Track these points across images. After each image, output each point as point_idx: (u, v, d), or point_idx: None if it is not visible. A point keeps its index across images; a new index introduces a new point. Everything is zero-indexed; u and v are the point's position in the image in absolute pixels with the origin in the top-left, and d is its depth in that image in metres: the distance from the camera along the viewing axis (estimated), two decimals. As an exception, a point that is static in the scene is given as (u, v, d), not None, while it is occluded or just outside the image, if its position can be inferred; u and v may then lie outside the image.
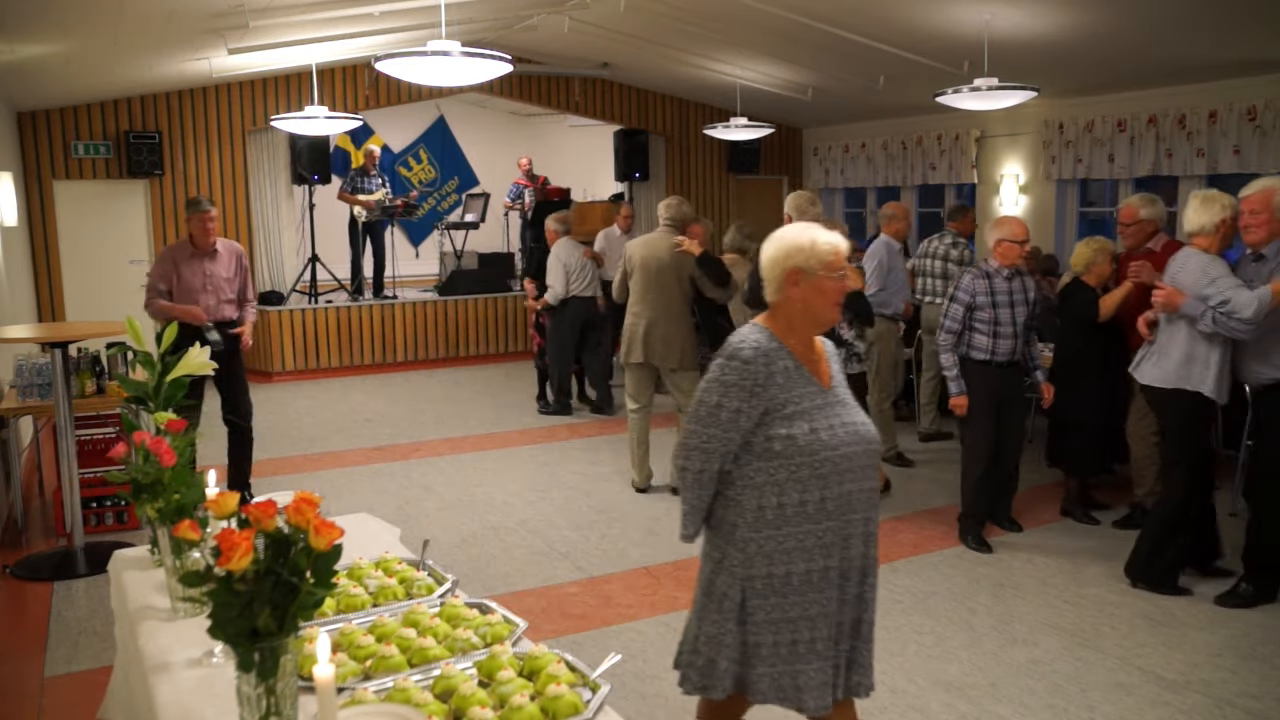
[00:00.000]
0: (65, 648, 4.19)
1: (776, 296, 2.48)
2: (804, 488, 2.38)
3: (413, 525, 5.61)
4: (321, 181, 10.85)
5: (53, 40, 6.67)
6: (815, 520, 2.39)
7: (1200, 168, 8.69)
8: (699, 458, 2.42)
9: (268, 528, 1.63)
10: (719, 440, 2.40)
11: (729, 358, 2.42)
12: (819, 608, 2.41)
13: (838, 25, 7.70)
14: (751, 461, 2.42)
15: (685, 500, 2.49)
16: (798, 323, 2.48)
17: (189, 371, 2.83)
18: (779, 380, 2.40)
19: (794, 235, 2.47)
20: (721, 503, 2.48)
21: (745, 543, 2.41)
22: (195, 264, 5.77)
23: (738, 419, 2.39)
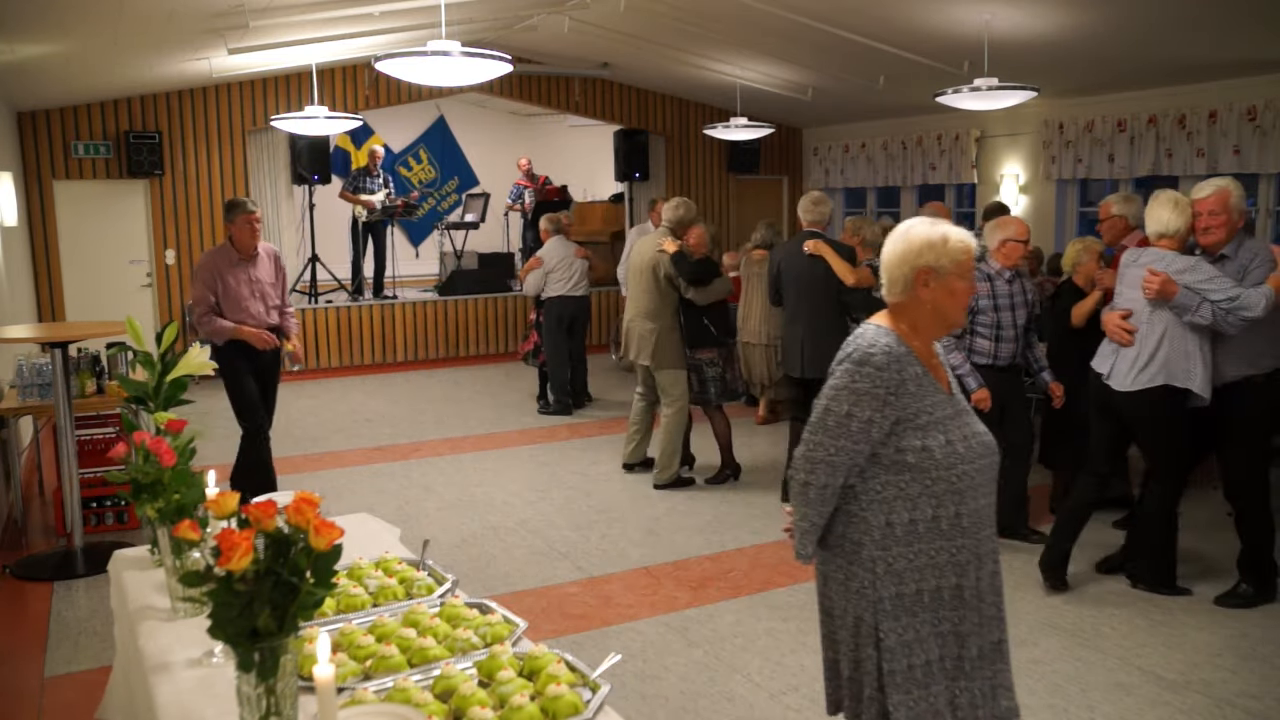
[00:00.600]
0: (65, 648, 4.19)
1: (902, 297, 2.29)
2: (938, 502, 2.22)
3: (413, 525, 5.61)
4: (321, 181, 10.86)
5: (53, 40, 6.68)
6: (949, 537, 2.24)
7: (1200, 168, 8.68)
8: (824, 471, 2.23)
9: (268, 528, 1.63)
10: (848, 453, 2.22)
11: (859, 363, 2.22)
12: (949, 625, 2.25)
13: (838, 25, 7.70)
14: (879, 475, 2.24)
15: (804, 517, 2.30)
16: (923, 326, 2.30)
17: (189, 371, 2.83)
18: (910, 388, 2.23)
19: (924, 231, 2.28)
20: (842, 519, 2.30)
21: (873, 562, 2.24)
22: (240, 270, 5.49)
23: (869, 430, 2.21)
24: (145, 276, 10.44)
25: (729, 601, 4.55)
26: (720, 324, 6.28)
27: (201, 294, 5.43)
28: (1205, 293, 4.17)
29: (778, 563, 5.03)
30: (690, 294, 6.09)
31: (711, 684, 3.76)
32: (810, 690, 3.69)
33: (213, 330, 5.41)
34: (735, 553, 5.19)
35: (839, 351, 2.31)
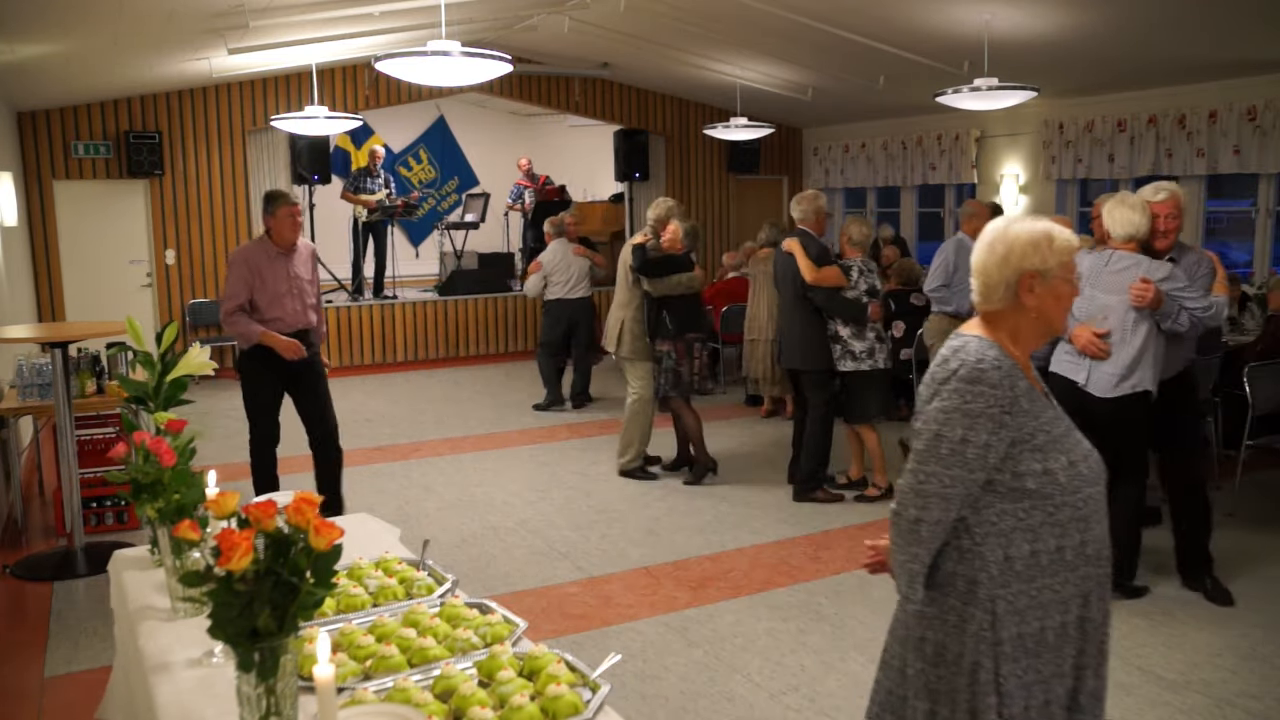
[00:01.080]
0: (65, 648, 4.19)
1: (1002, 304, 2.05)
2: (1062, 532, 2.00)
3: (413, 525, 5.61)
4: (321, 181, 10.86)
5: (53, 40, 6.68)
6: (1073, 568, 2.02)
7: (1200, 168, 8.69)
8: (938, 506, 1.99)
9: (268, 528, 1.63)
10: (963, 482, 1.97)
11: (970, 381, 1.97)
12: (1071, 661, 2.05)
13: (838, 25, 7.71)
14: (994, 504, 2.00)
15: (914, 558, 2.06)
16: (1025, 335, 2.07)
17: (189, 371, 2.83)
18: (1024, 404, 1.99)
19: (1028, 230, 2.04)
20: (952, 555, 2.06)
21: (992, 601, 2.00)
22: (279, 265, 5.10)
23: (985, 455, 1.96)
24: (145, 276, 10.44)
25: (729, 601, 4.55)
26: (679, 317, 6.21)
27: (235, 289, 5.03)
28: (1182, 300, 4.17)
29: (778, 563, 5.04)
30: (645, 285, 6.24)
31: (711, 684, 3.76)
32: (810, 690, 3.69)
33: (240, 332, 5.06)
34: (735, 553, 5.19)
35: (937, 369, 2.06)
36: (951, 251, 6.52)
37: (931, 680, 2.12)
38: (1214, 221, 9.27)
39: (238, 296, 5.02)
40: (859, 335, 5.81)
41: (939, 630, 2.10)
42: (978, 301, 2.10)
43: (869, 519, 5.70)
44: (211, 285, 10.66)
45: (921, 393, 2.08)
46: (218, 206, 10.61)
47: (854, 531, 5.50)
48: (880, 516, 5.74)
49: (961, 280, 6.47)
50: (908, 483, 2.04)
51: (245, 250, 5.16)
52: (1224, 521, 5.51)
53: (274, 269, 5.09)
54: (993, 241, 2.06)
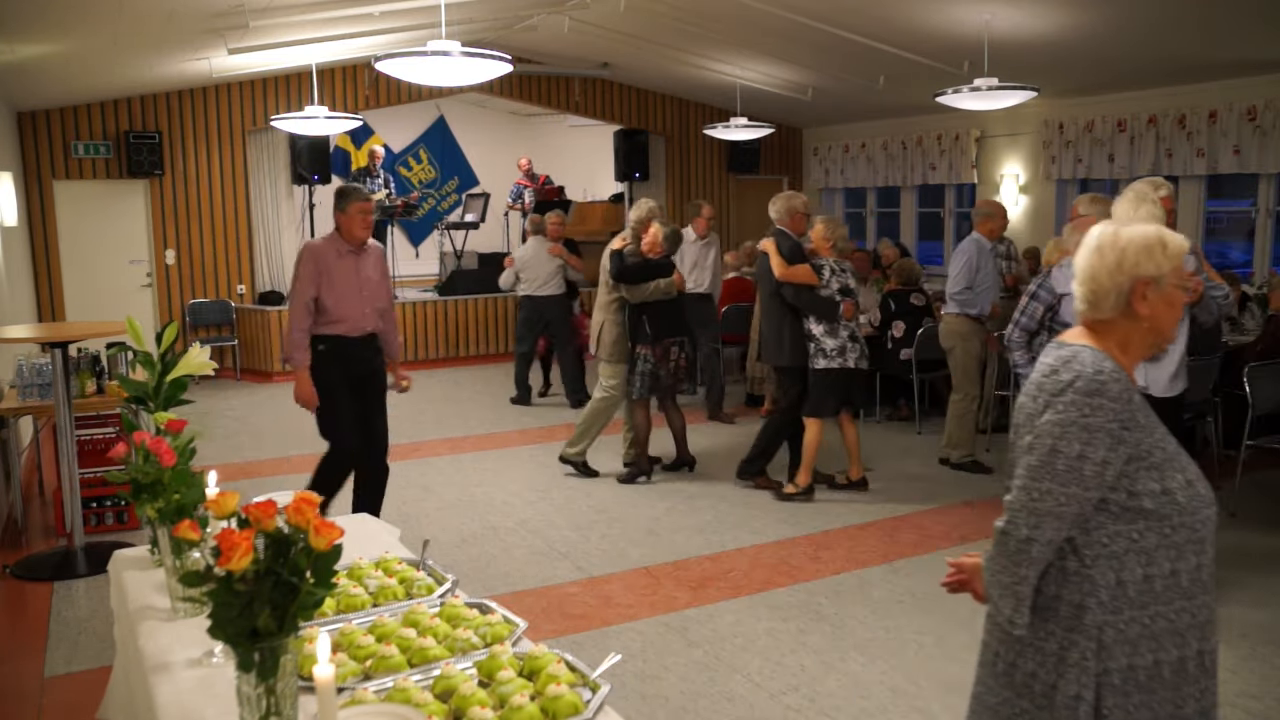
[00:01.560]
0: (65, 648, 4.19)
1: (1113, 312, 1.95)
2: (1178, 555, 1.89)
3: (413, 525, 5.61)
4: (321, 181, 10.86)
5: (53, 40, 6.68)
6: (1189, 595, 1.90)
7: (1200, 168, 8.70)
8: (1052, 525, 1.87)
9: (268, 528, 1.62)
10: (1078, 501, 1.87)
11: (1090, 394, 1.87)
12: (1194, 704, 1.91)
13: (838, 25, 7.71)
14: (1106, 524, 1.89)
15: (1021, 580, 1.92)
16: (1135, 344, 1.97)
17: (189, 371, 2.83)
18: (1140, 419, 1.90)
19: (1141, 235, 1.94)
20: (1054, 578, 1.93)
21: (1099, 628, 1.88)
22: (347, 263, 4.82)
23: (1103, 472, 1.86)
24: (145, 276, 10.44)
25: (729, 601, 4.55)
26: (658, 322, 6.24)
27: (303, 285, 4.73)
28: (1210, 290, 4.18)
29: (778, 563, 5.03)
30: (622, 291, 6.24)
31: (711, 684, 3.76)
32: (810, 690, 3.69)
33: (293, 349, 4.77)
34: (735, 553, 5.19)
35: (1046, 380, 1.95)
36: (974, 253, 6.48)
37: (1016, 713, 1.99)
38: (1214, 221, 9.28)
39: (305, 293, 4.74)
40: (832, 333, 5.84)
41: (1033, 659, 1.96)
42: (1084, 310, 1.99)
43: (868, 519, 5.70)
44: (211, 285, 10.66)
45: (1025, 405, 1.99)
46: (218, 206, 10.61)
47: (854, 531, 5.50)
48: (871, 518, 5.74)
49: (983, 282, 6.45)
50: (1019, 500, 1.92)
51: (314, 246, 4.88)
52: (1225, 522, 5.49)
53: (342, 267, 4.81)
54: (1102, 247, 1.96)
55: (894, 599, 4.57)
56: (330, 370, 4.81)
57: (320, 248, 4.83)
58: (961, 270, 6.45)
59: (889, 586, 4.71)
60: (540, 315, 8.68)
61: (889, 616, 4.37)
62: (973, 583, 2.12)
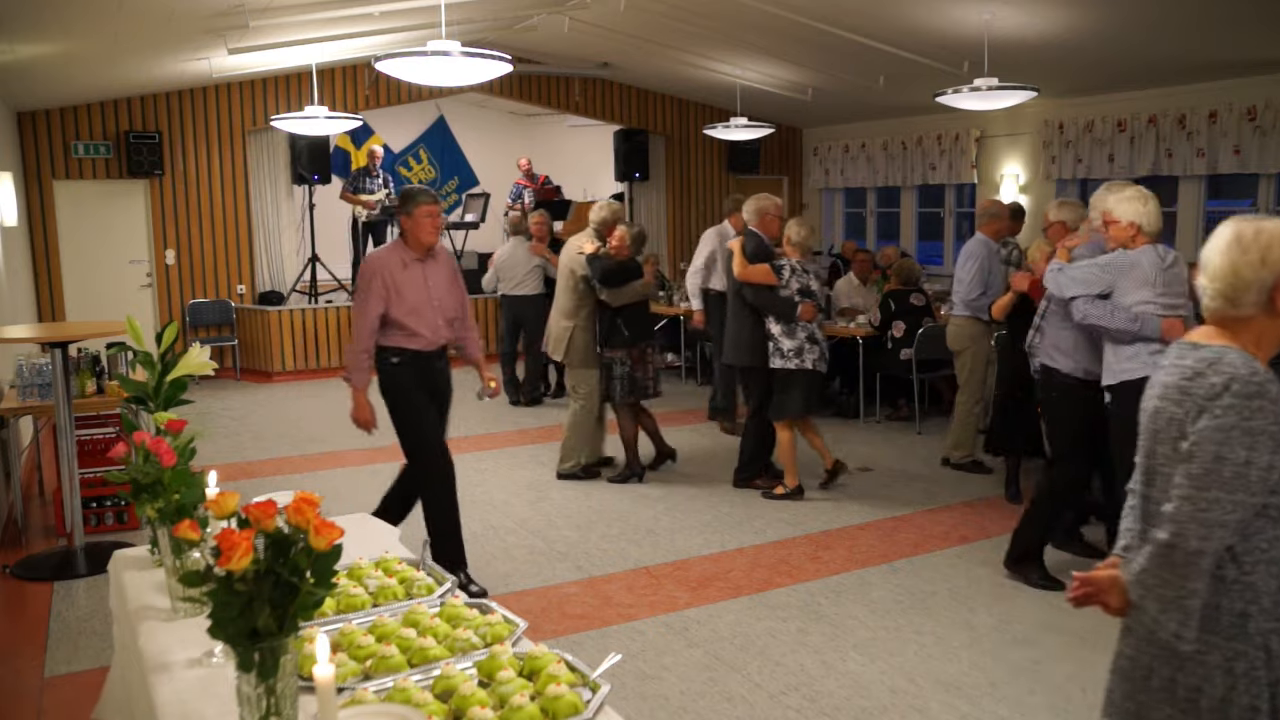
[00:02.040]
0: (65, 648, 4.19)
1: (1252, 308, 1.89)
2: None
3: (413, 525, 5.60)
4: (321, 181, 10.86)
5: (53, 40, 6.67)
6: None
7: (1200, 168, 8.70)
8: (1220, 535, 1.82)
9: (268, 528, 1.62)
10: (1244, 508, 1.81)
11: (1249, 396, 1.81)
12: None
13: (838, 25, 7.71)
14: (1265, 529, 1.85)
15: (1191, 594, 1.86)
16: (1268, 341, 1.93)
17: (189, 371, 2.83)
18: None
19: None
20: (1215, 587, 1.87)
21: (1265, 636, 1.84)
22: (415, 272, 4.47)
23: (1268, 476, 1.82)
24: (145, 276, 10.44)
25: (729, 601, 4.55)
26: (635, 325, 6.25)
27: (368, 305, 4.39)
28: None
29: (777, 563, 5.03)
30: (603, 295, 6.17)
31: (711, 684, 3.76)
32: (810, 690, 3.69)
33: (354, 368, 4.48)
34: (735, 553, 5.19)
35: (1192, 384, 1.90)
36: (984, 255, 6.45)
37: None
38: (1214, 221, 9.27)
39: (370, 310, 4.37)
40: (789, 334, 5.85)
41: (1195, 672, 1.88)
42: (1218, 306, 1.93)
43: (868, 519, 5.70)
44: (211, 285, 10.66)
45: (1165, 410, 1.94)
46: (218, 206, 10.61)
47: (854, 531, 5.50)
48: (871, 518, 5.74)
49: (994, 283, 6.43)
50: (1185, 511, 1.84)
51: (378, 258, 4.50)
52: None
53: (410, 277, 4.44)
54: (1243, 242, 1.90)
55: (894, 599, 4.57)
56: (407, 380, 4.54)
57: (384, 259, 4.46)
58: (975, 275, 6.40)
59: (889, 586, 4.71)
60: (515, 313, 8.78)
61: (889, 616, 4.37)
62: (1104, 596, 2.04)
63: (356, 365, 4.47)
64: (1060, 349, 4.57)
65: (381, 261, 4.47)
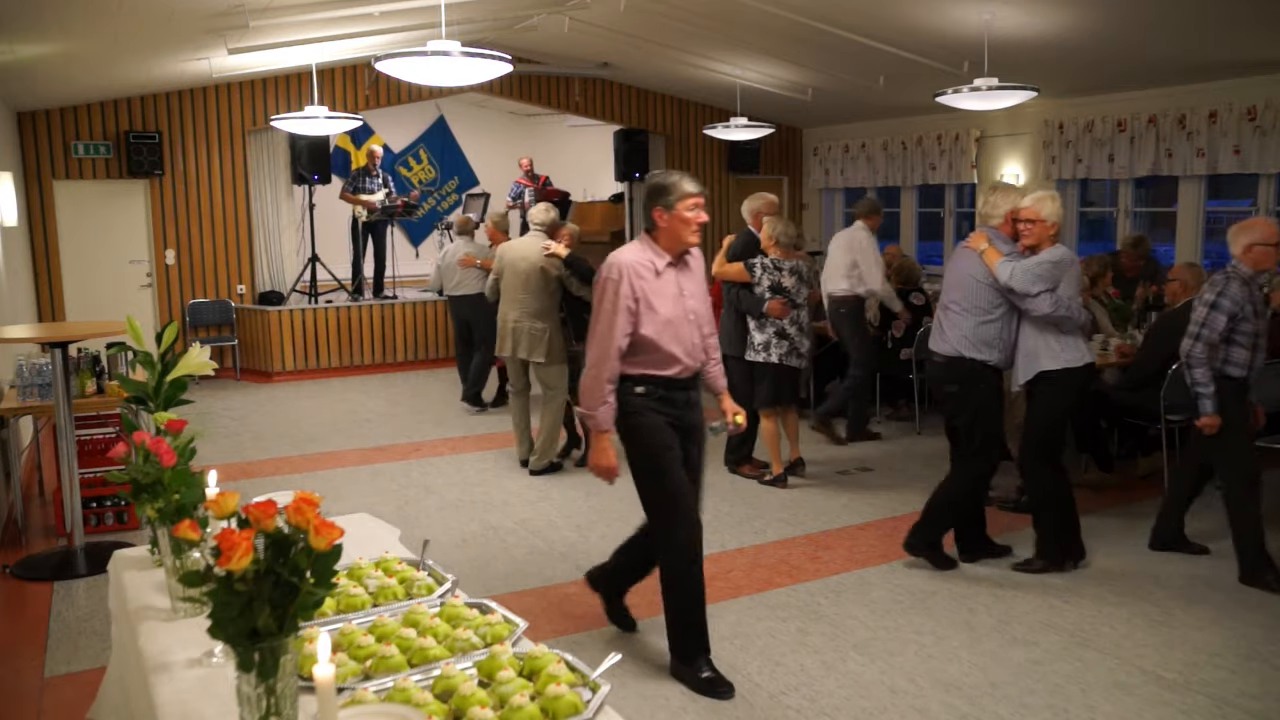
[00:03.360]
0: (65, 648, 4.19)
1: None
2: None
3: (413, 525, 5.60)
4: (321, 181, 10.86)
5: (53, 40, 6.68)
6: None
7: (1200, 168, 8.70)
8: None
9: (268, 528, 1.62)
10: None
11: None
12: None
13: (838, 25, 7.71)
14: None
15: None
16: None
17: (189, 371, 2.83)
18: None
19: None
20: None
21: None
22: (668, 280, 3.60)
23: None
24: (145, 276, 10.44)
25: (729, 601, 4.55)
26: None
27: (612, 322, 3.50)
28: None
29: (777, 563, 5.03)
30: (583, 292, 6.39)
31: (711, 684, 3.76)
32: (810, 690, 3.69)
33: (595, 402, 3.56)
34: (735, 553, 5.19)
35: None
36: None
37: None
38: (1214, 221, 9.27)
39: (617, 328, 3.49)
40: (760, 328, 6.14)
41: None
42: None
43: (868, 519, 5.70)
44: (211, 285, 10.66)
45: None
46: (218, 206, 10.61)
47: (854, 531, 5.50)
48: (871, 518, 5.73)
49: None
50: None
51: (625, 262, 3.55)
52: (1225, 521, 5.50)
53: (662, 287, 3.58)
54: None
55: (894, 599, 4.57)
56: (655, 418, 3.63)
57: (630, 263, 3.55)
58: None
59: (889, 586, 4.71)
60: (458, 315, 8.69)
61: (889, 616, 4.37)
62: None
63: (599, 398, 3.55)
64: (987, 343, 4.66)
65: (630, 266, 3.54)
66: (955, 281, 4.75)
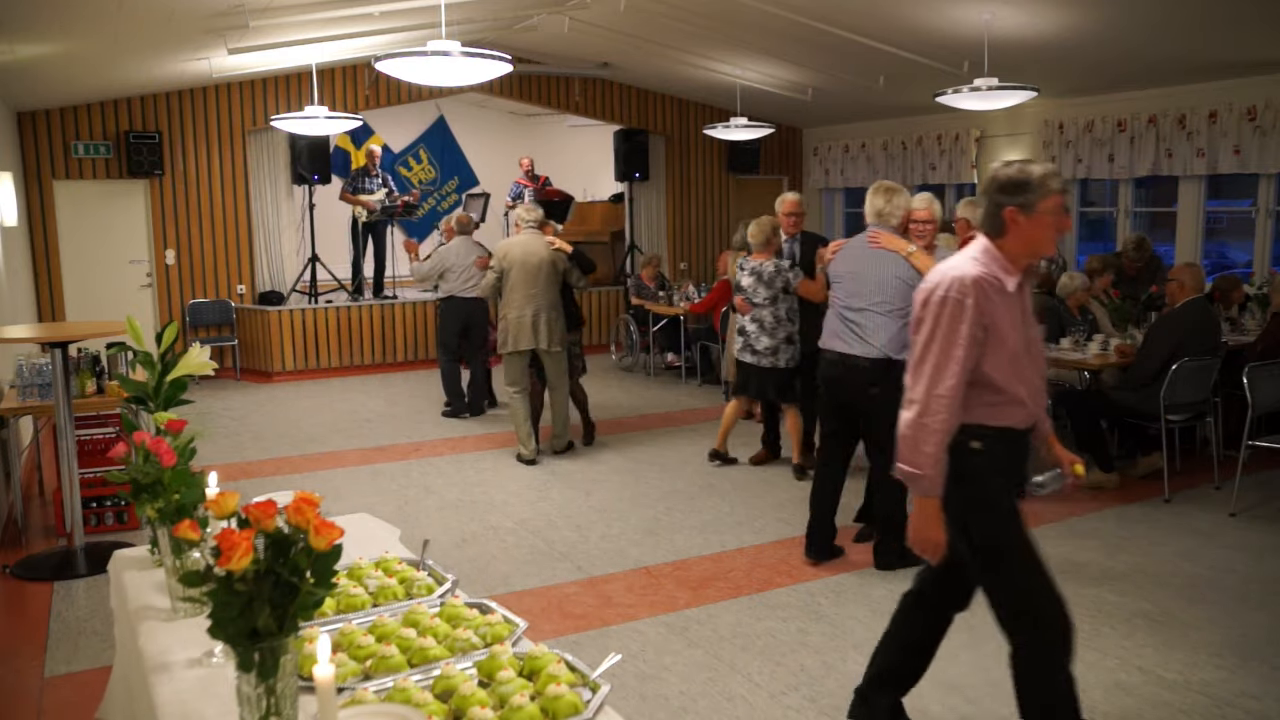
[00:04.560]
0: (65, 648, 4.19)
1: None
2: None
3: (413, 525, 5.61)
4: (321, 181, 10.86)
5: (53, 40, 6.68)
6: None
7: (1200, 168, 8.70)
8: None
9: (268, 528, 1.62)
10: None
11: None
12: None
13: (838, 25, 7.71)
14: None
15: None
16: None
17: (189, 371, 2.83)
18: None
19: None
20: None
21: None
22: (1013, 303, 2.77)
23: None
24: (145, 276, 10.44)
25: (729, 601, 4.55)
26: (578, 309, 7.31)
27: (952, 352, 2.70)
28: None
29: (777, 563, 5.03)
30: (581, 284, 7.03)
31: (711, 684, 3.77)
32: (810, 690, 3.69)
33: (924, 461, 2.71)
34: (735, 553, 5.19)
35: None
36: None
37: None
38: (1214, 221, 9.28)
39: (960, 361, 2.69)
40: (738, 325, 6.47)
41: None
42: None
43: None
44: (211, 285, 10.66)
45: None
46: (218, 206, 10.61)
47: (854, 531, 5.49)
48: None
49: None
50: None
51: (966, 274, 2.72)
52: (1225, 521, 5.51)
53: (1009, 309, 2.76)
54: None
55: (894, 599, 4.54)
56: (998, 481, 2.84)
57: (981, 281, 2.70)
58: None
59: (889, 586, 4.70)
60: (466, 316, 8.39)
61: (889, 616, 4.35)
62: None
63: (931, 455, 2.72)
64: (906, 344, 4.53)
65: (977, 283, 2.70)
66: (877, 284, 4.71)
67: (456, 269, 8.42)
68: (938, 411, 2.71)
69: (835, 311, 4.84)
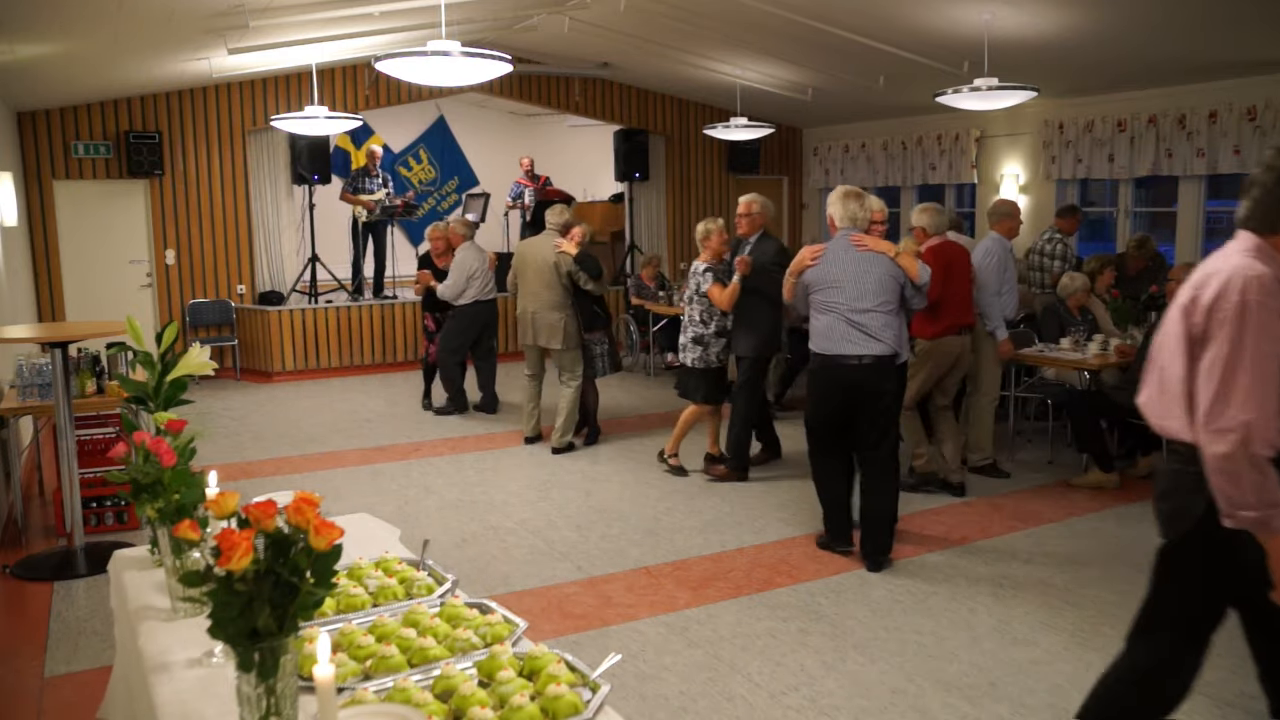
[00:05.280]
0: (65, 648, 4.19)
1: None
2: None
3: (413, 525, 5.61)
4: (321, 181, 10.86)
5: (53, 40, 6.68)
6: None
7: (1200, 168, 8.70)
8: None
9: (268, 528, 1.62)
10: None
11: None
12: None
13: (838, 25, 7.71)
14: None
15: None
16: None
17: (189, 371, 2.83)
18: None
19: None
20: None
21: None
22: None
23: None
24: (145, 276, 10.44)
25: (729, 601, 4.55)
26: (604, 309, 7.32)
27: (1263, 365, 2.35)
28: None
29: (777, 563, 5.03)
30: (590, 285, 7.03)
31: (711, 684, 3.77)
32: (810, 690, 3.69)
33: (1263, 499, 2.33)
34: (735, 553, 5.19)
35: None
36: (1001, 253, 6.32)
37: None
38: (1214, 221, 9.28)
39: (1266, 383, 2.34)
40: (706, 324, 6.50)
41: None
42: None
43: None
44: (211, 285, 10.66)
45: None
46: (218, 206, 10.61)
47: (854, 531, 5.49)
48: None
49: (1009, 282, 6.35)
50: None
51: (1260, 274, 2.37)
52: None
53: None
54: None
55: (894, 599, 4.57)
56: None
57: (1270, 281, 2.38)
58: (994, 272, 6.24)
59: (889, 587, 4.71)
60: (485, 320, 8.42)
61: (889, 616, 4.37)
62: None
63: (1269, 488, 2.34)
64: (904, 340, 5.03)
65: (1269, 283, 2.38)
66: (877, 285, 4.79)
67: (479, 274, 8.41)
68: (1258, 435, 2.33)
69: (837, 316, 4.80)
